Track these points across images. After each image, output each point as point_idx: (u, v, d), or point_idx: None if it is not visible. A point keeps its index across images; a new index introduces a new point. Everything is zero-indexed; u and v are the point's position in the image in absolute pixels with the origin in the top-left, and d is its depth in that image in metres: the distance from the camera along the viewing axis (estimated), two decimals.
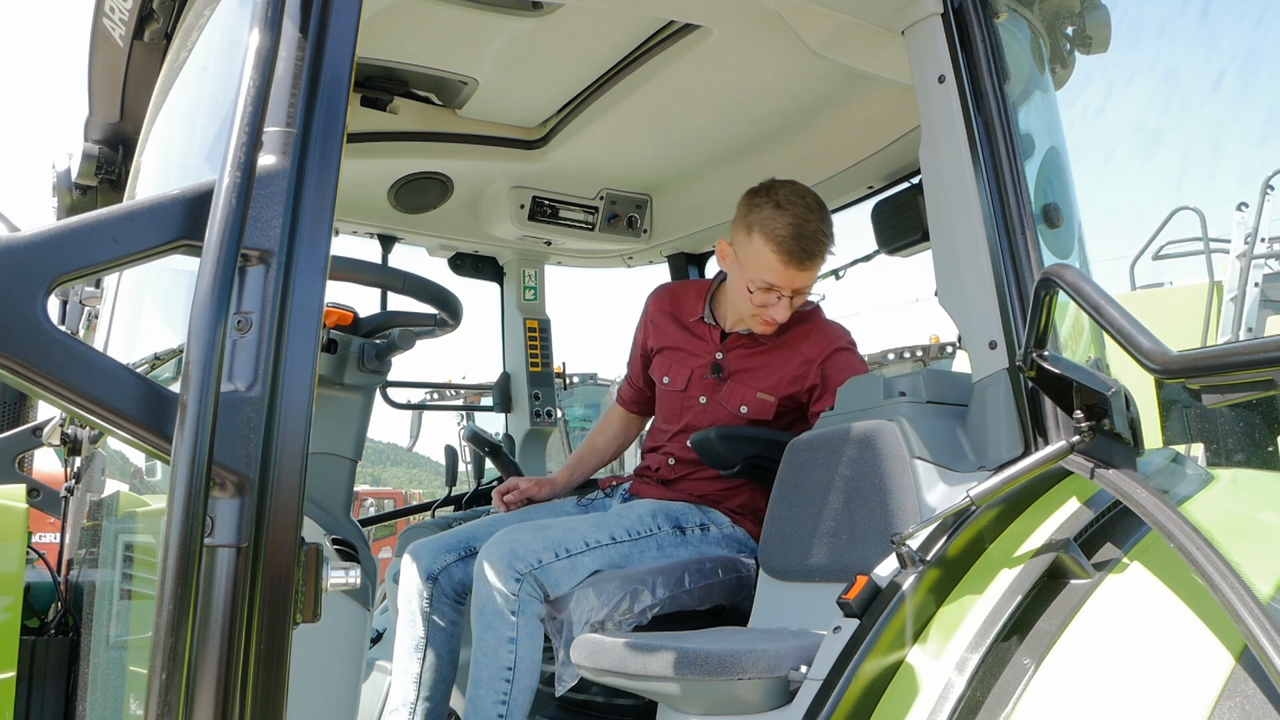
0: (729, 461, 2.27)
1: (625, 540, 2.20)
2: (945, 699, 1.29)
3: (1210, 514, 1.54)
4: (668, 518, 2.29)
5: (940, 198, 1.73)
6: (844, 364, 2.30)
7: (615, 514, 2.29)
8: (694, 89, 2.54)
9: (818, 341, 2.33)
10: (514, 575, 2.02)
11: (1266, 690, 1.08)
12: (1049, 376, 1.43)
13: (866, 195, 3.07)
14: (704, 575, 2.17)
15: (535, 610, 2.05)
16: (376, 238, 3.39)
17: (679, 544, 2.26)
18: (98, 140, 2.21)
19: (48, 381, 0.89)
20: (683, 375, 2.49)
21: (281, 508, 0.95)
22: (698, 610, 2.16)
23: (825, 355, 2.31)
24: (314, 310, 1.00)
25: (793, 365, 2.33)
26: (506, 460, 3.35)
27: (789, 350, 2.35)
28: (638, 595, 2.04)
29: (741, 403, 2.36)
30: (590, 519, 2.27)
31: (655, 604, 2.06)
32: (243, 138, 0.95)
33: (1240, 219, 6.35)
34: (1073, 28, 1.98)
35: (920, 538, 1.46)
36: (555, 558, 2.07)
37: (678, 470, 2.46)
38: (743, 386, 2.37)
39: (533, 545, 2.06)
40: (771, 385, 2.34)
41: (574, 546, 2.11)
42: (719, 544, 2.31)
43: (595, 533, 2.17)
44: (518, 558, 2.03)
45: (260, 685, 0.93)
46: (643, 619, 2.04)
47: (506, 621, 2.01)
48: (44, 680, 1.73)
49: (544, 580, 2.05)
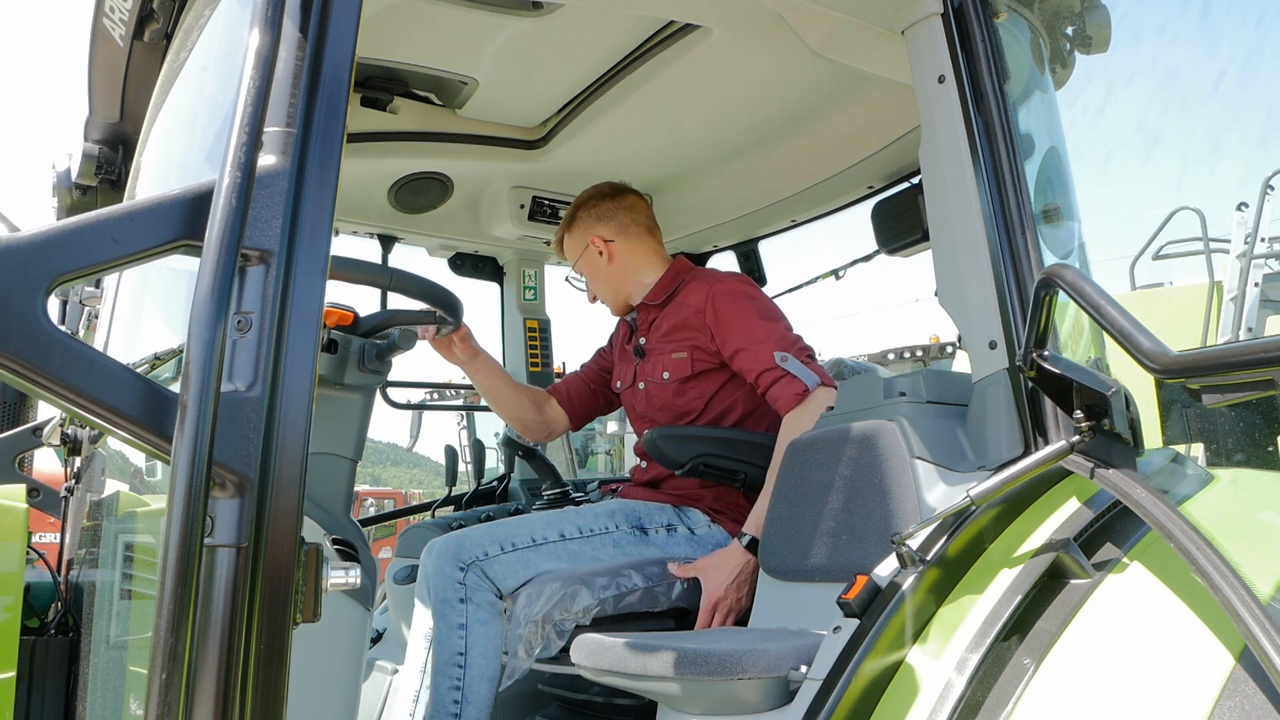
0: (675, 462, 2.28)
1: (575, 538, 2.20)
2: (945, 699, 1.29)
3: (1210, 514, 1.54)
4: (628, 517, 2.29)
5: (940, 198, 1.73)
6: (728, 297, 2.35)
7: (573, 511, 2.29)
8: (694, 89, 2.54)
9: (700, 288, 2.43)
10: (458, 564, 2.07)
11: (1266, 690, 1.08)
12: (1049, 376, 1.43)
13: (866, 195, 3.07)
14: (660, 577, 2.16)
15: (486, 600, 2.07)
16: (376, 238, 3.39)
17: (638, 543, 2.25)
18: (98, 140, 2.21)
19: (48, 381, 0.89)
20: (628, 372, 2.60)
21: (281, 508, 0.95)
22: (652, 613, 2.14)
23: (708, 296, 2.38)
24: (314, 310, 1.00)
25: (684, 315, 2.43)
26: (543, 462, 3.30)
27: (678, 305, 2.47)
28: (576, 595, 2.04)
29: (662, 369, 2.45)
30: (545, 515, 2.28)
31: (595, 604, 2.05)
32: (243, 138, 0.95)
33: (1240, 219, 6.35)
34: (1073, 28, 1.98)
35: (920, 538, 1.46)
36: (501, 550, 2.10)
37: (653, 470, 2.46)
38: (657, 355, 2.47)
39: (479, 539, 2.12)
40: (676, 343, 2.43)
41: (520, 541, 2.13)
42: (688, 545, 2.29)
43: (544, 529, 2.18)
44: (463, 549, 2.09)
45: (260, 685, 0.93)
46: (584, 619, 2.03)
47: (455, 609, 2.05)
48: (44, 680, 1.73)
49: (490, 573, 2.07)
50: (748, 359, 2.28)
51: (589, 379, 2.81)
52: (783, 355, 2.22)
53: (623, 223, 2.60)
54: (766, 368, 2.23)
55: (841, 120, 2.70)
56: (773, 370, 2.22)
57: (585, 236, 2.61)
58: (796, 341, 2.30)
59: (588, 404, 2.80)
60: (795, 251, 5.98)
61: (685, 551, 2.27)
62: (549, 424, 2.80)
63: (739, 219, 3.43)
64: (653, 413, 2.49)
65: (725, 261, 3.72)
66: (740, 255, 3.66)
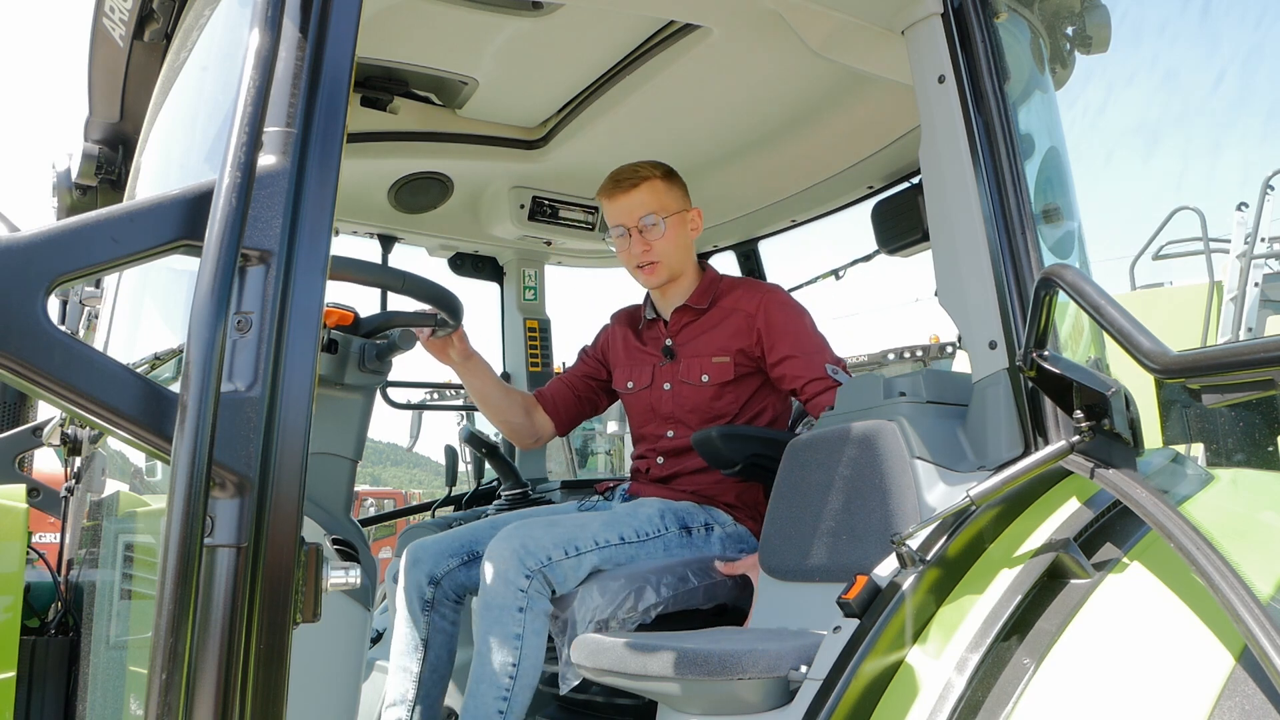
0: (730, 461, 2.30)
1: (634, 541, 2.21)
2: (945, 699, 1.29)
3: (1210, 514, 1.54)
4: (675, 518, 2.31)
5: (940, 198, 1.73)
6: (781, 307, 2.44)
7: (624, 514, 2.29)
8: (694, 89, 2.54)
9: (752, 296, 2.48)
10: (524, 572, 2.02)
11: (1266, 690, 1.08)
12: (1049, 376, 1.43)
13: (866, 195, 3.07)
14: (708, 574, 2.18)
15: (543, 608, 2.05)
16: (376, 238, 3.39)
17: (684, 544, 2.28)
18: (98, 140, 2.21)
19: (48, 381, 0.89)
20: (645, 373, 2.58)
21: (281, 508, 0.95)
22: (701, 609, 2.17)
23: (761, 305, 2.44)
24: (314, 310, 1.00)
25: (735, 322, 2.45)
26: (504, 461, 3.34)
27: (727, 310, 2.48)
28: (642, 593, 2.04)
29: (701, 372, 2.45)
30: (600, 518, 2.26)
31: (659, 603, 2.06)
32: (243, 138, 0.95)
33: (1240, 219, 6.35)
34: (1073, 28, 1.98)
35: (920, 538, 1.46)
36: (565, 555, 2.07)
37: (669, 467, 2.48)
38: (696, 357, 2.48)
39: (543, 541, 2.07)
40: (721, 346, 2.45)
41: (583, 545, 2.12)
42: (723, 543, 2.34)
43: (605, 532, 2.18)
44: (529, 553, 2.03)
45: (260, 685, 0.93)
46: (646, 618, 2.04)
47: (514, 618, 2.01)
48: (44, 680, 1.73)
49: (552, 578, 2.05)
50: (798, 366, 2.35)
51: (572, 385, 2.76)
52: (833, 368, 2.35)
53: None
54: (817, 376, 2.32)
55: (841, 120, 2.70)
56: (823, 380, 2.32)
57: (685, 201, 2.54)
58: (839, 358, 2.41)
59: (573, 410, 2.75)
60: (795, 251, 5.98)
61: (723, 549, 2.32)
62: (536, 430, 2.74)
63: (739, 219, 3.43)
64: (681, 414, 2.47)
65: (725, 261, 3.72)
66: (740, 255, 3.67)
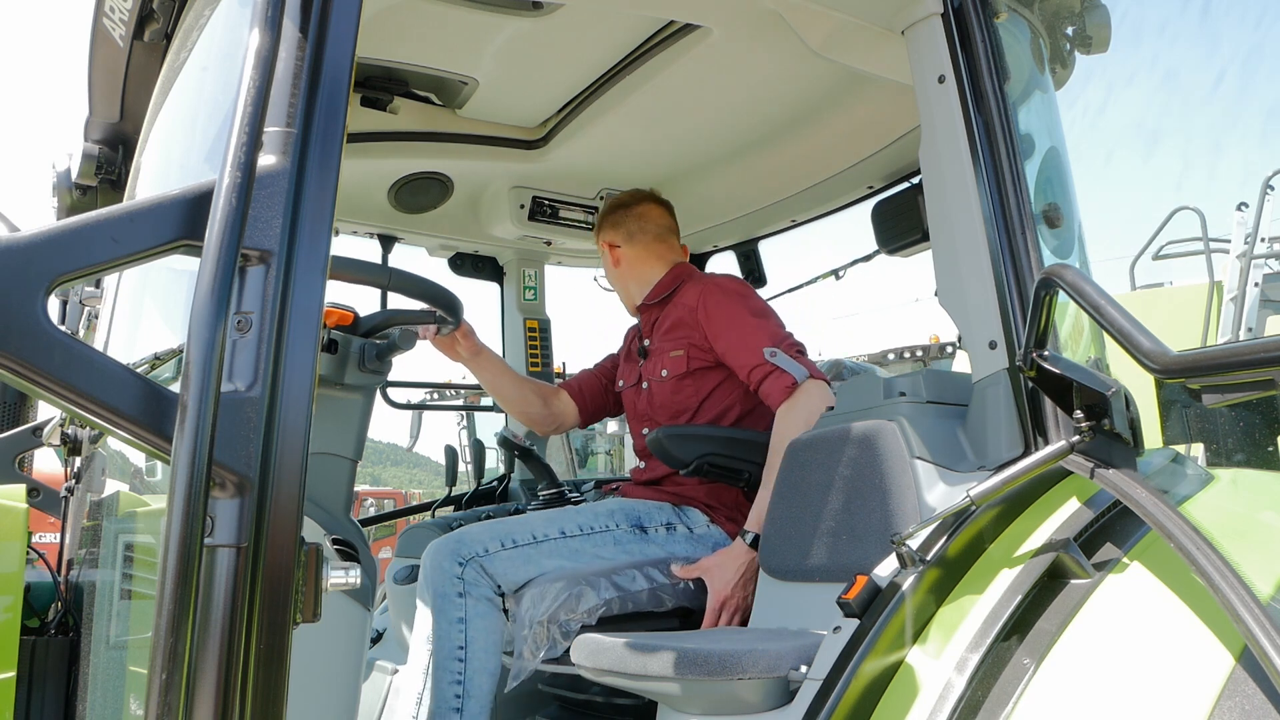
0: (681, 461, 2.30)
1: (576, 535, 2.21)
2: (945, 699, 1.29)
3: (1210, 514, 1.54)
4: (628, 516, 2.30)
5: (940, 198, 1.73)
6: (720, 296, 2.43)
7: (572, 510, 2.32)
8: (694, 89, 2.54)
9: (694, 288, 2.51)
10: (457, 560, 2.08)
11: (1266, 690, 1.08)
12: (1049, 376, 1.43)
13: (866, 195, 3.07)
14: (664, 577, 2.16)
15: (485, 595, 2.08)
16: (376, 238, 3.39)
17: (639, 542, 2.26)
18: (98, 140, 2.21)
19: (48, 381, 0.89)
20: (632, 373, 2.65)
21: (281, 508, 0.95)
22: (657, 613, 2.14)
23: (700, 296, 2.45)
24: (314, 310, 1.00)
25: (679, 314, 2.50)
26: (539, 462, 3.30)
27: (674, 305, 2.54)
28: (582, 595, 2.04)
29: (661, 367, 2.50)
30: (545, 513, 2.30)
31: (601, 605, 2.05)
32: (243, 138, 0.94)
33: (1240, 219, 6.35)
34: (1073, 28, 1.98)
35: (920, 538, 1.46)
36: (501, 547, 2.12)
37: (652, 470, 2.47)
38: (658, 354, 2.53)
39: (479, 536, 2.13)
40: (674, 341, 2.49)
41: (520, 538, 2.15)
42: (688, 544, 2.30)
43: (545, 526, 2.20)
44: (463, 544, 2.11)
45: (260, 685, 0.93)
46: (589, 619, 2.03)
47: (454, 603, 2.06)
48: (44, 680, 1.73)
49: (490, 569, 2.08)
50: (738, 355, 2.32)
51: (602, 375, 2.87)
52: (771, 350, 2.26)
53: (631, 230, 2.70)
54: (757, 363, 2.27)
55: (841, 120, 2.70)
56: (762, 365, 2.26)
57: (600, 241, 2.78)
58: (786, 338, 2.33)
59: (599, 400, 2.84)
60: (795, 251, 5.98)
61: (685, 550, 2.27)
62: (556, 418, 2.84)
63: (739, 219, 3.43)
64: (653, 411, 2.52)
65: (725, 261, 3.72)
66: (740, 255, 3.67)
